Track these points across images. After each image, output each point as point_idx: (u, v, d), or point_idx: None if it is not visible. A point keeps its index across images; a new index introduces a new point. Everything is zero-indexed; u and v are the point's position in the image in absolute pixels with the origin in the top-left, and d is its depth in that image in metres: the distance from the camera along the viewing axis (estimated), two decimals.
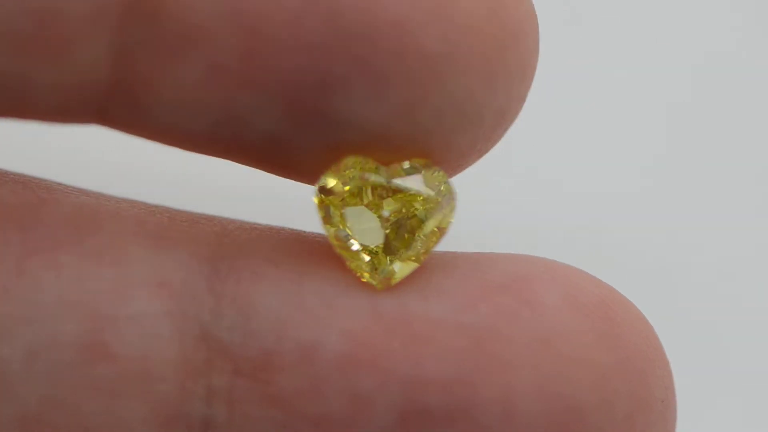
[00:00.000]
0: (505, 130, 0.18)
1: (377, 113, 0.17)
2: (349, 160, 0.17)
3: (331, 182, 0.17)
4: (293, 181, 0.19)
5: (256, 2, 0.16)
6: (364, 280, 0.17)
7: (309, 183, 0.18)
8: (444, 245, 0.18)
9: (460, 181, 0.19)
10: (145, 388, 0.17)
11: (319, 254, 0.18)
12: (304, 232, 0.19)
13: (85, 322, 0.17)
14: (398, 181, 0.18)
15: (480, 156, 0.19)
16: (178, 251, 0.17)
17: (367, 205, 0.18)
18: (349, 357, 0.17)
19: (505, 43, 0.17)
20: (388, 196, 0.18)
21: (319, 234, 0.18)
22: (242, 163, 0.18)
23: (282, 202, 0.23)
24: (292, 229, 0.19)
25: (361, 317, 0.17)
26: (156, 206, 0.18)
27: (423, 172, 0.18)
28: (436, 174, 0.18)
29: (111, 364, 0.17)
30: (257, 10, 0.16)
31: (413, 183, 0.18)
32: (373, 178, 0.18)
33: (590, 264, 0.26)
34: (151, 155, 0.19)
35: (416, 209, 0.18)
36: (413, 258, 0.18)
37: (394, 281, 0.17)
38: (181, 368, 0.17)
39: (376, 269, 0.17)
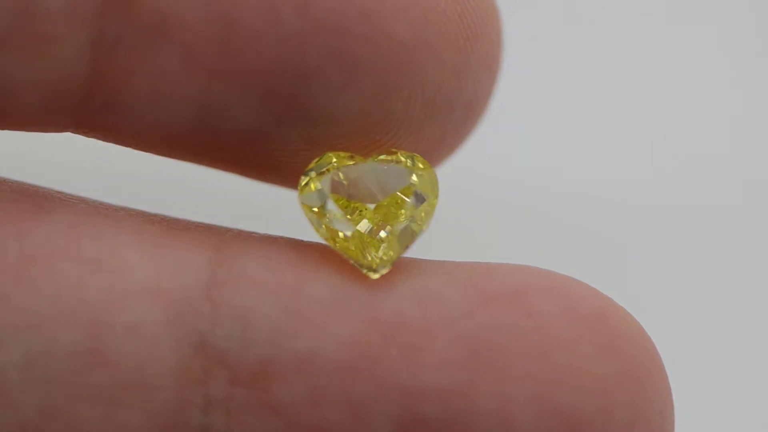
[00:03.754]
0: (474, 124, 0.19)
1: (351, 102, 0.17)
2: (327, 157, 0.18)
3: (313, 185, 0.18)
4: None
5: None
6: (364, 270, 0.17)
7: (290, 186, 0.18)
8: (442, 246, 0.18)
9: (459, 179, 0.19)
10: (142, 397, 0.17)
11: (315, 262, 0.18)
12: (301, 240, 0.19)
13: (82, 330, 0.17)
14: (377, 167, 0.18)
15: (450, 152, 0.19)
16: (176, 259, 0.17)
17: (350, 198, 0.18)
18: (346, 366, 0.17)
19: (472, 35, 0.17)
20: (369, 186, 0.18)
21: (316, 242, 0.18)
22: (223, 167, 0.18)
23: (279, 207, 0.23)
24: (289, 238, 0.19)
25: (358, 325, 0.17)
26: (154, 214, 0.18)
27: (400, 156, 0.18)
28: (413, 158, 0.18)
29: (108, 372, 0.17)
30: (231, 1, 0.16)
31: (393, 167, 0.18)
32: (351, 168, 0.18)
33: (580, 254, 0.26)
34: (151, 162, 0.19)
35: (399, 193, 0.18)
36: (400, 247, 0.18)
37: (389, 262, 0.18)
38: (178, 377, 0.17)
39: (371, 261, 0.18)
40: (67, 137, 0.18)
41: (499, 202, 0.29)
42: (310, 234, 0.18)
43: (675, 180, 0.30)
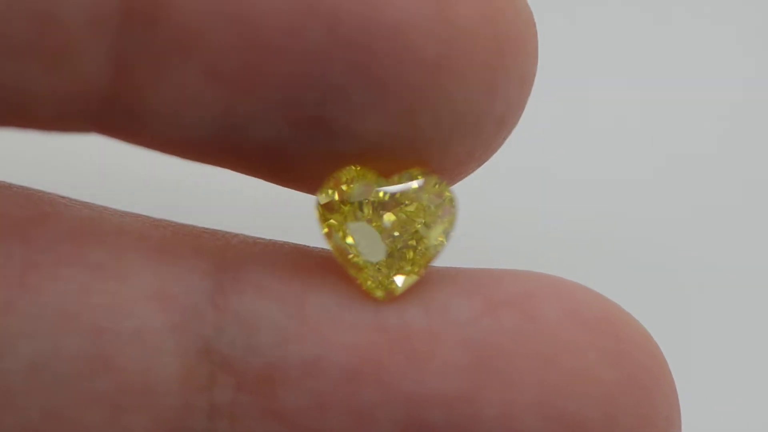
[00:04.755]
0: (504, 138, 0.18)
1: (376, 120, 0.17)
2: (349, 171, 0.17)
3: (331, 195, 0.17)
4: (296, 192, 0.19)
5: (255, 9, 0.16)
6: (368, 291, 0.17)
7: (309, 192, 0.18)
8: (448, 253, 0.18)
9: (462, 186, 0.19)
10: (147, 403, 0.17)
11: (321, 268, 0.18)
12: (307, 246, 0.19)
13: (87, 336, 0.17)
14: (399, 192, 0.18)
15: (479, 164, 0.19)
16: (181, 265, 0.17)
17: (368, 218, 0.18)
18: (352, 372, 0.17)
19: (504, 50, 0.17)
20: (389, 208, 0.18)
21: (322, 248, 0.18)
22: (242, 172, 0.18)
23: (286, 213, 0.23)
24: (295, 244, 0.19)
25: (364, 331, 0.17)
26: (159, 220, 0.18)
27: (423, 181, 0.18)
28: (436, 183, 0.18)
29: (113, 378, 0.17)
30: (256, 17, 0.16)
31: (414, 193, 0.18)
32: (374, 189, 0.18)
33: (589, 267, 0.26)
34: (156, 167, 0.19)
35: (417, 219, 0.18)
36: (416, 268, 0.18)
37: (397, 292, 0.17)
38: (183, 383, 0.17)
39: (379, 281, 0.17)
40: (73, 143, 0.18)
41: (504, 209, 0.29)
42: (316, 241, 0.18)
43: (684, 188, 0.30)
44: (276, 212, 0.25)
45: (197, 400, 0.17)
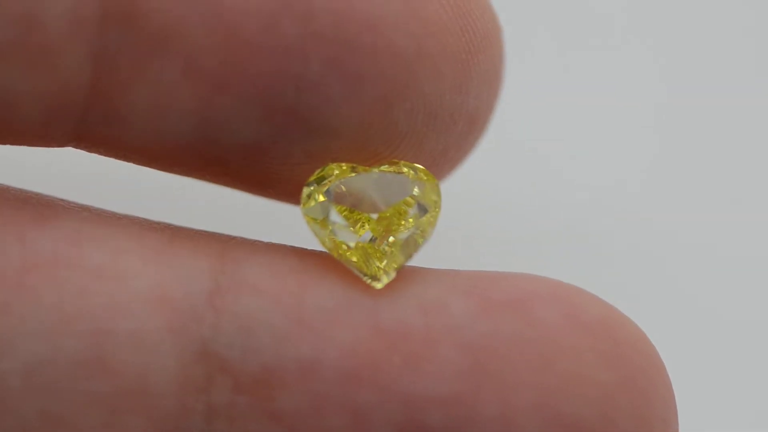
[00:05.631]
0: (477, 139, 0.19)
1: (352, 113, 0.17)
2: (331, 167, 0.18)
3: (315, 192, 0.18)
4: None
5: (231, 6, 0.16)
6: (367, 280, 0.17)
7: (291, 201, 0.18)
8: (444, 253, 0.18)
9: (462, 185, 0.19)
10: (144, 404, 0.17)
11: (318, 270, 0.18)
12: (304, 248, 0.19)
13: (84, 338, 0.17)
14: (379, 177, 0.18)
15: (454, 166, 0.19)
16: (179, 267, 0.17)
17: (353, 209, 0.18)
18: (349, 373, 0.17)
19: (473, 47, 0.17)
20: (372, 196, 0.18)
21: (319, 251, 0.18)
22: (224, 183, 0.18)
23: (283, 215, 0.23)
24: (292, 246, 0.19)
25: (361, 333, 0.17)
26: (157, 222, 0.18)
27: (403, 167, 0.18)
28: (416, 169, 0.18)
29: (110, 379, 0.17)
30: (232, 13, 0.16)
31: (395, 178, 0.18)
32: (353, 179, 0.18)
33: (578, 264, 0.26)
34: (152, 170, 0.19)
35: (401, 203, 0.18)
36: (406, 250, 0.18)
37: (393, 271, 0.18)
38: (180, 384, 0.17)
39: (374, 270, 0.17)
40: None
41: (501, 211, 0.29)
42: (313, 243, 0.18)
43: (678, 190, 0.30)
44: (273, 214, 0.25)
45: (194, 402, 0.17)
